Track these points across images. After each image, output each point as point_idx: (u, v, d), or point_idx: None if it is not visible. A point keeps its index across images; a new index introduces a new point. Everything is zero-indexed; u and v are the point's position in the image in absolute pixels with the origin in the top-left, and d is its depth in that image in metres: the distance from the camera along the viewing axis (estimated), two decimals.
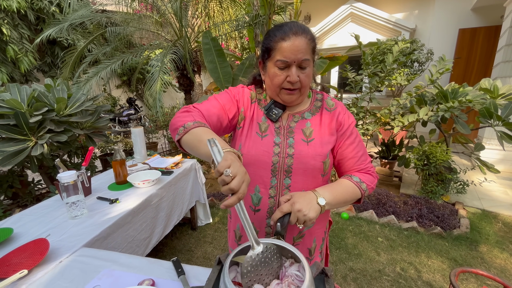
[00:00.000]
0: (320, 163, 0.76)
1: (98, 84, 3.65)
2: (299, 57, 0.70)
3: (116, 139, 4.84)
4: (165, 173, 1.90)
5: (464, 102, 2.36)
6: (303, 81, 0.73)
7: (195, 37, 4.09)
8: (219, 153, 0.54)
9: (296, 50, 0.69)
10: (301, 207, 0.67)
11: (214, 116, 0.76)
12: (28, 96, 1.89)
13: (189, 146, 0.66)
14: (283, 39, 0.70)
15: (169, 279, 0.85)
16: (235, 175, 0.51)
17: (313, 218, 0.67)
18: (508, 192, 3.02)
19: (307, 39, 0.71)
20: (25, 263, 0.91)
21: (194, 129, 0.65)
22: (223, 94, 0.83)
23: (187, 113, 0.72)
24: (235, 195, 0.51)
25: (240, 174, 0.51)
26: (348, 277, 1.84)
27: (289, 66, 0.71)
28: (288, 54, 0.69)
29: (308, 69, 0.73)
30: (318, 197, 0.71)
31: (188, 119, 0.69)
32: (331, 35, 5.79)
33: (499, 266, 1.92)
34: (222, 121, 0.78)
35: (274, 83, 0.75)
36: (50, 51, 5.30)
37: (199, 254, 2.11)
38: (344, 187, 0.76)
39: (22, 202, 2.49)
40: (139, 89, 8.06)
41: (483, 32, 4.59)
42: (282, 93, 0.76)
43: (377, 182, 0.93)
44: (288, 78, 0.72)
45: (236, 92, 0.84)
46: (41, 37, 3.36)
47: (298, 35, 0.69)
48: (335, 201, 0.73)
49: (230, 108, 0.80)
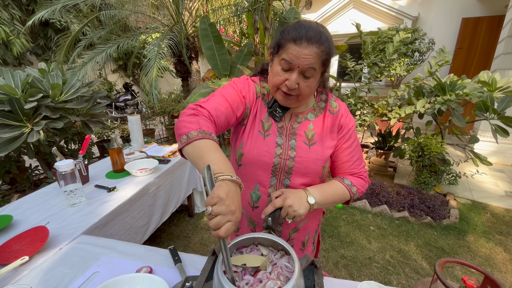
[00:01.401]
0: (320, 167, 0.77)
1: (93, 69, 3.57)
2: (304, 64, 0.65)
3: (113, 125, 4.81)
4: (163, 162, 1.91)
5: (461, 95, 2.36)
6: (302, 89, 0.69)
7: (192, 22, 3.98)
8: (211, 181, 0.52)
9: (303, 57, 0.65)
10: (292, 202, 0.69)
11: (222, 116, 0.72)
12: (22, 82, 1.86)
13: (190, 159, 0.64)
14: (295, 42, 0.65)
15: (166, 267, 0.88)
16: (217, 214, 0.49)
17: (303, 214, 0.70)
18: (498, 184, 3.09)
19: (320, 50, 0.65)
20: (26, 250, 0.94)
21: (197, 141, 0.62)
22: (229, 89, 0.78)
23: (193, 117, 0.67)
24: (215, 232, 0.49)
25: (224, 214, 0.49)
26: (339, 264, 1.92)
27: (292, 69, 0.68)
28: (294, 58, 0.66)
29: (311, 80, 0.69)
30: (308, 196, 0.73)
31: (193, 126, 0.64)
32: (332, 21, 5.66)
33: (484, 255, 2.00)
34: (230, 119, 0.75)
35: (273, 81, 0.73)
36: (43, 33, 5.15)
37: (196, 240, 2.17)
38: (334, 189, 0.79)
39: (20, 187, 2.51)
40: (135, 74, 7.92)
41: (486, 22, 4.52)
42: (278, 93, 0.74)
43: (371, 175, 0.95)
44: (286, 82, 0.69)
45: (242, 86, 0.79)
46: (33, 19, 3.26)
47: (311, 44, 0.64)
48: (324, 201, 0.76)
49: (238, 106, 0.76)
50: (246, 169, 0.79)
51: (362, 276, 1.79)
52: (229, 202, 0.51)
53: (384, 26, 5.02)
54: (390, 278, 1.77)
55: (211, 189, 0.52)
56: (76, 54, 3.74)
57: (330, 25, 5.70)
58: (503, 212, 2.55)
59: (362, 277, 1.79)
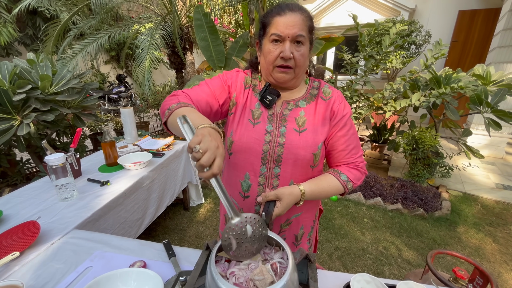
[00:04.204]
0: (310, 154, 0.76)
1: (85, 60, 3.48)
2: (294, 31, 0.69)
3: (106, 118, 4.73)
4: (157, 155, 1.89)
5: (456, 88, 2.37)
6: (298, 59, 0.72)
7: (186, 12, 3.89)
8: (190, 130, 0.53)
9: (291, 25, 0.69)
10: (282, 212, 0.72)
11: (202, 101, 0.76)
12: (10, 73, 1.80)
13: (172, 127, 0.67)
14: (279, 14, 0.70)
15: (160, 261, 0.88)
16: (205, 150, 0.49)
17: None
18: (490, 176, 3.15)
19: (304, 16, 0.71)
20: (16, 245, 0.92)
21: (177, 109, 0.66)
22: (215, 79, 0.82)
23: (173, 97, 0.74)
24: (209, 170, 0.50)
25: (211, 149, 0.49)
26: (334, 255, 1.95)
27: (283, 41, 0.71)
28: (283, 28, 0.69)
29: (303, 48, 0.72)
30: (300, 202, 0.76)
31: (173, 101, 0.69)
32: (328, 13, 5.59)
33: (474, 245, 2.05)
34: (212, 105, 0.78)
35: (267, 60, 0.74)
36: (31, 22, 4.98)
37: (192, 233, 2.18)
38: (328, 185, 0.79)
39: (12, 181, 2.46)
40: (128, 65, 7.76)
41: (483, 14, 4.51)
42: (275, 72, 0.75)
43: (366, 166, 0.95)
44: (281, 54, 0.71)
45: (229, 77, 0.83)
46: (19, 7, 3.13)
47: (294, 11, 0.70)
48: (312, 198, 0.78)
49: (221, 93, 0.80)
50: (236, 157, 0.80)
51: (355, 267, 1.83)
52: (212, 138, 0.51)
53: (381, 18, 4.97)
54: (383, 269, 1.81)
55: (191, 136, 0.52)
56: (66, 44, 3.63)
57: (326, 16, 5.63)
58: (493, 204, 2.61)
59: (355, 268, 1.82)
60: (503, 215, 2.43)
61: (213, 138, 0.52)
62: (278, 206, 0.71)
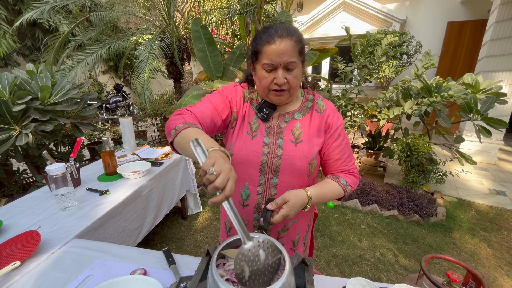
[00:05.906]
0: (306, 164, 0.80)
1: (83, 70, 3.52)
2: (285, 59, 0.71)
3: (104, 127, 4.74)
4: (155, 164, 1.91)
5: (447, 97, 2.45)
6: (291, 82, 0.74)
7: (184, 24, 3.98)
8: (203, 152, 0.55)
9: (282, 54, 0.70)
10: (290, 213, 0.73)
11: (207, 117, 0.78)
12: (10, 84, 1.83)
13: (180, 148, 0.68)
14: (269, 43, 0.71)
15: (161, 268, 0.89)
16: (219, 173, 0.50)
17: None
18: (483, 182, 3.20)
19: (293, 41, 0.71)
20: (17, 255, 0.93)
21: (184, 130, 0.67)
22: (216, 94, 0.84)
23: (179, 116, 0.74)
24: (222, 193, 0.51)
25: (225, 171, 0.51)
26: (331, 262, 1.96)
27: (275, 68, 0.73)
28: (274, 57, 0.71)
29: (295, 71, 0.74)
30: (308, 205, 0.77)
31: (179, 121, 0.70)
32: (323, 24, 5.75)
33: (469, 250, 2.08)
34: (216, 122, 0.80)
35: (262, 84, 0.77)
36: (30, 33, 5.03)
37: (190, 242, 2.17)
38: (331, 189, 0.82)
39: (8, 191, 2.45)
40: (126, 75, 7.82)
41: (471, 25, 4.68)
42: (270, 95, 0.78)
43: (362, 174, 0.99)
44: (275, 81, 0.74)
45: (228, 92, 0.85)
46: (21, 19, 3.19)
47: (283, 38, 0.70)
48: (318, 202, 0.80)
49: (223, 109, 0.82)
50: (235, 168, 0.82)
51: (353, 274, 1.84)
52: (225, 161, 0.53)
53: (373, 29, 5.13)
54: (380, 275, 1.82)
55: (204, 159, 0.54)
56: (66, 56, 3.68)
57: (321, 27, 5.79)
58: (487, 209, 2.65)
59: (353, 275, 1.83)
60: (497, 220, 2.47)
61: (226, 160, 0.54)
62: (284, 207, 0.72)
